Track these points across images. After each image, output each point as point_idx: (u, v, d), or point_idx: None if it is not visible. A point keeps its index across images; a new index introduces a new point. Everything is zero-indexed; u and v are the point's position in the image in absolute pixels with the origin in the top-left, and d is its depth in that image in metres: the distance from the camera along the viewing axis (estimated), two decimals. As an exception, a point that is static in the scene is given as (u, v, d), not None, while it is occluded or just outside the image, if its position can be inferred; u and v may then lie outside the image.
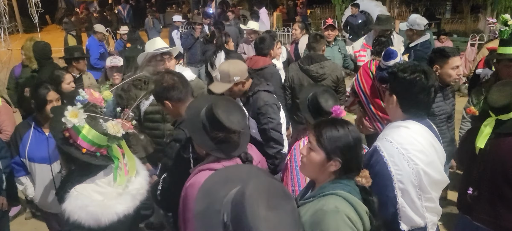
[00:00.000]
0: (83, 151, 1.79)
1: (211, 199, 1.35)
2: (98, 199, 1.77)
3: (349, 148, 1.70)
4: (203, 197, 1.36)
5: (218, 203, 1.31)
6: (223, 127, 1.90)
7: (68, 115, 1.73)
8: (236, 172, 1.50)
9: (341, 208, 1.60)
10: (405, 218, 2.02)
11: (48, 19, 22.85)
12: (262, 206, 1.24)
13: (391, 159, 1.99)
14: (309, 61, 4.29)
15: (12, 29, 17.98)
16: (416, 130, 2.07)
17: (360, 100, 4.32)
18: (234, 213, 1.23)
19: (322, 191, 1.71)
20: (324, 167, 1.72)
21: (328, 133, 1.70)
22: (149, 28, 13.03)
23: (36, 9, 13.57)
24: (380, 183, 1.97)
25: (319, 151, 1.71)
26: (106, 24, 10.86)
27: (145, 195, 1.97)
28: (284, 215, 1.28)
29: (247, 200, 1.21)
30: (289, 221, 1.28)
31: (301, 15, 16.56)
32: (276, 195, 1.32)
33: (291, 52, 6.35)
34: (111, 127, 1.80)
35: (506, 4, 10.75)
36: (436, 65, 3.19)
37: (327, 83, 4.26)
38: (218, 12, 14.43)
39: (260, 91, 3.13)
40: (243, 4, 19.83)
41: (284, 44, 8.94)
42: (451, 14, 16.07)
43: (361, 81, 4.30)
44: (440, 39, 8.51)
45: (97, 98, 1.87)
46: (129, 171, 1.93)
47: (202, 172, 1.95)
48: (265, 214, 1.23)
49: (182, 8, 21.04)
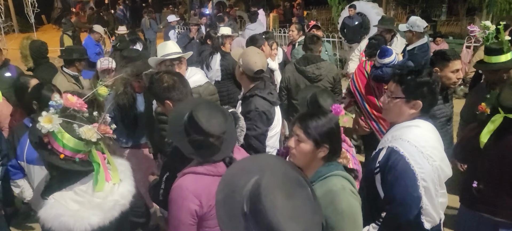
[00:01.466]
0: (61, 156, 1.73)
1: (231, 189, 1.37)
2: (74, 208, 1.71)
3: (334, 133, 1.88)
4: (223, 188, 1.39)
5: (238, 194, 1.33)
6: (201, 130, 1.89)
7: (42, 121, 1.68)
8: (255, 162, 1.52)
9: (346, 185, 1.81)
10: (427, 216, 2.06)
11: (44, 19, 22.74)
12: (278, 195, 1.27)
13: (413, 157, 2.01)
14: (306, 62, 4.31)
15: (8, 29, 17.94)
16: (426, 128, 2.13)
17: (356, 100, 4.34)
18: (253, 205, 1.26)
19: (319, 175, 1.85)
20: (314, 154, 1.86)
21: (314, 123, 1.85)
22: (145, 29, 12.99)
23: (32, 8, 13.56)
24: (404, 183, 1.99)
25: (308, 141, 1.84)
26: (103, 24, 10.81)
27: (127, 206, 1.86)
28: (301, 202, 1.31)
29: (263, 191, 1.25)
30: (307, 207, 1.32)
31: (297, 16, 16.58)
32: (292, 182, 1.36)
33: (287, 54, 6.36)
34: (84, 132, 1.73)
35: (501, 7, 10.81)
36: (437, 68, 3.21)
37: (323, 84, 4.27)
38: (215, 13, 14.42)
39: (257, 96, 3.05)
40: (239, 5, 19.84)
41: (280, 45, 8.96)
42: (447, 16, 16.14)
43: (357, 81, 4.33)
44: (435, 42, 8.55)
45: (74, 103, 1.80)
46: (112, 178, 1.85)
47: (185, 175, 1.97)
48: (282, 203, 1.26)
49: (178, 8, 21.03)
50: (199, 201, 1.90)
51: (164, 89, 2.41)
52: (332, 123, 1.88)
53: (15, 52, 7.30)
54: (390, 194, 2.05)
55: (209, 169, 1.94)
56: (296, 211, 1.29)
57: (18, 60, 6.44)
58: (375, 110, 4.15)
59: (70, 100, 1.80)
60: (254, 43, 4.56)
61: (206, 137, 1.90)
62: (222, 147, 1.99)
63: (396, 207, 2.03)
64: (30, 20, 13.67)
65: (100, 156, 1.81)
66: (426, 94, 2.10)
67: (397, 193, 2.00)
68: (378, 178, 2.13)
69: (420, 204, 2.02)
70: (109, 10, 19.96)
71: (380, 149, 2.18)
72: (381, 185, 2.12)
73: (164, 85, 2.41)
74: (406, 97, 2.11)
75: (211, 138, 1.92)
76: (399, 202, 2.01)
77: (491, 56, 3.46)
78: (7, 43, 12.45)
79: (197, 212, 1.91)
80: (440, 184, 2.11)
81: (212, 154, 1.95)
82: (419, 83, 2.08)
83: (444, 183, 2.17)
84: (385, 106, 2.25)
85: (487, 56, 3.52)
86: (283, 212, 1.25)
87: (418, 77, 2.08)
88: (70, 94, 1.83)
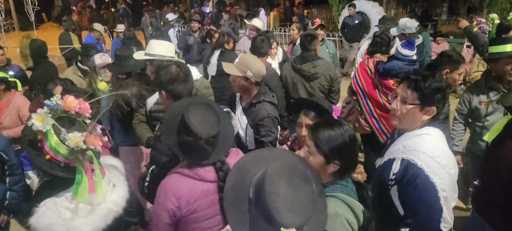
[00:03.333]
0: (47, 157, 1.69)
1: (241, 174, 1.41)
2: (66, 216, 1.68)
3: (347, 149, 1.74)
4: (235, 172, 1.41)
5: (248, 180, 1.36)
6: (191, 132, 1.84)
7: (35, 118, 1.66)
8: (270, 153, 1.53)
9: (341, 211, 1.67)
10: (445, 222, 2.02)
11: (44, 17, 22.75)
12: (282, 184, 1.31)
13: (431, 169, 1.93)
14: (302, 60, 4.31)
15: (8, 27, 17.93)
16: (437, 135, 2.06)
17: (358, 99, 4.34)
18: (257, 189, 1.29)
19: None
20: (323, 169, 1.76)
21: (325, 136, 1.73)
22: (146, 27, 12.97)
23: (32, 7, 13.55)
24: (426, 197, 1.92)
25: (318, 155, 1.74)
26: (102, 23, 10.81)
27: (120, 212, 1.84)
28: (303, 194, 1.35)
29: (268, 178, 1.27)
30: (307, 201, 1.35)
31: (298, 15, 16.55)
32: (298, 175, 1.38)
33: (288, 53, 6.36)
34: (71, 139, 1.67)
35: (502, 6, 10.79)
36: (447, 69, 3.25)
37: (320, 82, 4.27)
38: (215, 11, 14.40)
39: (265, 102, 3.07)
40: (239, 3, 19.83)
41: (281, 44, 8.95)
42: (448, 15, 16.11)
43: (359, 79, 4.32)
44: (436, 41, 8.54)
45: (74, 106, 1.76)
46: (97, 189, 1.77)
47: (172, 174, 1.95)
48: (285, 192, 1.29)
49: (179, 7, 21.00)
50: (178, 202, 1.86)
51: (168, 80, 2.44)
52: (346, 136, 1.75)
53: (15, 50, 7.29)
54: (412, 208, 1.97)
55: (195, 172, 1.89)
56: (297, 203, 1.32)
57: (18, 59, 6.44)
58: (377, 108, 4.15)
59: (69, 103, 1.75)
60: (258, 50, 4.50)
61: (196, 139, 1.85)
62: (214, 150, 1.92)
63: (419, 221, 1.95)
64: (30, 18, 13.66)
65: (86, 166, 1.75)
66: (440, 100, 2.03)
67: (421, 207, 1.93)
68: (394, 191, 2.04)
69: (442, 214, 1.97)
70: (110, 9, 19.95)
71: (391, 159, 2.08)
72: (398, 199, 2.03)
73: (167, 77, 2.44)
74: (422, 104, 2.02)
75: (201, 141, 1.86)
76: (423, 216, 1.94)
77: (497, 46, 3.43)
78: (7, 41, 12.44)
79: (174, 213, 1.88)
80: (454, 190, 2.08)
81: (202, 158, 1.88)
82: (435, 89, 2.00)
83: (456, 186, 2.14)
84: (396, 114, 2.10)
85: (492, 46, 3.49)
86: (284, 200, 1.29)
87: (434, 82, 2.00)
88: (72, 97, 1.78)
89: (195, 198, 1.87)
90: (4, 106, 3.95)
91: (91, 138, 1.75)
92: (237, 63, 3.06)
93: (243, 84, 3.07)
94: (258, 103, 3.06)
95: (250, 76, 3.00)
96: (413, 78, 2.05)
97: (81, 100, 1.81)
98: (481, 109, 3.49)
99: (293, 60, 4.44)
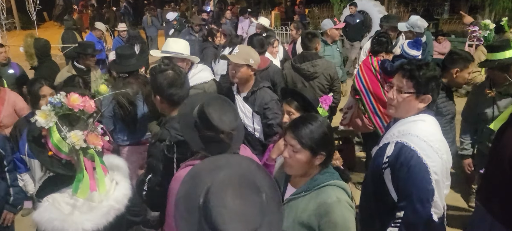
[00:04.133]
0: (49, 153, 1.72)
1: (194, 183, 1.39)
2: (69, 212, 1.70)
3: (327, 138, 1.86)
4: (188, 181, 1.40)
5: (200, 189, 1.32)
6: (212, 126, 1.88)
7: (38, 114, 1.68)
8: (226, 161, 1.52)
9: (341, 197, 1.80)
10: (436, 208, 2.08)
11: (46, 16, 22.78)
12: (229, 194, 1.28)
13: (424, 152, 2.01)
14: (302, 59, 4.32)
15: (10, 26, 17.94)
16: (431, 122, 2.14)
17: (361, 97, 4.33)
18: (205, 199, 1.28)
19: (315, 183, 1.84)
20: (311, 163, 1.85)
21: (307, 131, 1.82)
22: (147, 26, 12.98)
23: (33, 5, 13.55)
24: (419, 178, 2.00)
25: (304, 151, 1.82)
26: (104, 22, 10.82)
27: (122, 210, 1.84)
28: (250, 205, 1.31)
29: (214, 189, 1.27)
30: (255, 211, 1.31)
31: (299, 14, 16.54)
32: (247, 186, 1.35)
33: (289, 52, 6.36)
34: (71, 137, 1.70)
35: (504, 5, 10.77)
36: (457, 68, 3.30)
37: (320, 82, 4.27)
38: (216, 10, 14.40)
39: (265, 88, 3.24)
40: (241, 3, 19.81)
41: (282, 43, 8.93)
42: (449, 14, 16.10)
43: (363, 77, 4.32)
44: (438, 40, 8.52)
45: (78, 104, 1.76)
46: (99, 187, 1.79)
47: (187, 166, 1.97)
48: (231, 202, 1.27)
49: (180, 6, 21.00)
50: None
51: (161, 83, 2.40)
52: (324, 126, 1.86)
53: (16, 49, 7.30)
54: (405, 190, 2.04)
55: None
56: (245, 213, 1.29)
57: (20, 57, 6.45)
58: (381, 105, 4.16)
59: (72, 101, 1.76)
60: (260, 45, 4.54)
61: (217, 133, 1.90)
62: (232, 143, 2.00)
63: (413, 202, 2.01)
64: (31, 17, 13.65)
65: (87, 164, 1.76)
66: (435, 88, 2.12)
67: (413, 188, 2.00)
68: (387, 174, 2.11)
69: (434, 197, 2.03)
70: (111, 8, 19.96)
71: (386, 143, 2.16)
72: (392, 183, 2.10)
73: (164, 80, 2.40)
74: (417, 92, 2.10)
75: (222, 134, 1.92)
76: (415, 197, 2.01)
77: (496, 53, 3.45)
78: (8, 40, 12.45)
79: None
80: (446, 176, 2.14)
81: (221, 150, 1.93)
82: (429, 77, 2.09)
83: (449, 174, 2.20)
84: (393, 103, 2.19)
85: (491, 53, 3.51)
86: (230, 212, 1.26)
87: (428, 71, 2.09)
88: (76, 95, 1.79)
89: None
90: (0, 105, 3.95)
91: (92, 137, 1.77)
92: (238, 53, 3.17)
93: (246, 73, 3.19)
94: (259, 90, 3.21)
95: (252, 64, 3.14)
96: (407, 68, 2.14)
97: (86, 98, 1.82)
98: (488, 113, 3.50)
99: (293, 59, 4.45)
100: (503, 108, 3.40)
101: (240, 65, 3.14)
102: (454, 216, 4.09)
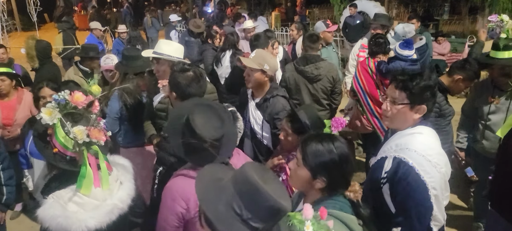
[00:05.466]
0: (54, 150, 1.75)
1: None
2: (73, 209, 1.72)
3: (334, 166, 1.69)
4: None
5: (222, 202, 1.26)
6: (195, 135, 1.84)
7: (43, 111, 1.71)
8: (217, 171, 1.50)
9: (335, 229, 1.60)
10: (436, 221, 2.06)
11: (47, 17, 22.80)
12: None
13: (422, 168, 1.96)
14: (305, 62, 4.28)
15: (10, 27, 17.98)
16: (429, 133, 2.09)
17: (359, 99, 4.34)
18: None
19: (315, 208, 1.66)
20: (310, 184, 1.73)
21: (312, 151, 1.70)
22: (148, 27, 13.01)
23: (34, 7, 13.58)
24: (417, 195, 1.95)
25: (304, 168, 1.72)
26: (105, 23, 10.85)
27: (125, 210, 1.86)
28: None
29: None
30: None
31: (299, 15, 16.57)
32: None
33: (289, 53, 6.36)
34: (75, 132, 1.73)
35: (503, 6, 10.77)
36: (462, 77, 3.33)
37: (323, 84, 4.26)
38: (216, 11, 14.43)
39: (279, 96, 3.15)
40: (241, 3, 19.84)
41: (282, 44, 8.93)
42: (449, 15, 16.11)
43: (360, 78, 4.33)
44: (438, 41, 8.53)
45: (82, 102, 1.80)
46: (103, 184, 1.81)
47: (177, 177, 1.96)
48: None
49: (180, 7, 21.03)
50: (187, 204, 1.87)
51: (181, 81, 2.46)
52: (335, 153, 1.68)
53: (17, 50, 7.32)
54: (403, 206, 2.00)
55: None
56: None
57: (21, 59, 6.47)
58: (378, 107, 4.16)
59: (76, 99, 1.80)
60: (258, 41, 4.59)
61: (200, 141, 1.85)
62: (218, 152, 1.92)
63: (410, 219, 1.98)
64: (32, 18, 13.67)
65: (91, 160, 1.79)
66: (430, 98, 2.07)
67: (411, 205, 1.96)
68: (386, 189, 2.06)
69: (433, 212, 2.00)
70: (112, 9, 19.99)
71: (384, 157, 2.10)
72: (390, 197, 2.06)
73: (183, 79, 2.46)
74: (411, 103, 2.05)
75: (205, 144, 1.86)
76: (413, 214, 1.97)
77: (499, 51, 3.42)
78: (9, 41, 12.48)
79: (183, 215, 1.89)
80: (445, 188, 2.11)
81: (206, 161, 1.83)
82: (423, 87, 2.03)
83: (448, 185, 2.17)
84: (387, 115, 2.15)
85: (494, 51, 3.47)
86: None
87: (421, 82, 2.04)
88: (80, 93, 1.83)
89: None
90: (17, 103, 4.01)
91: (95, 131, 1.79)
92: (254, 57, 3.12)
93: (260, 78, 3.12)
94: (272, 97, 3.14)
95: (267, 69, 3.08)
96: (400, 78, 2.09)
97: (90, 97, 1.86)
98: (484, 108, 3.50)
99: (295, 62, 4.42)
100: (500, 103, 3.43)
101: (254, 70, 3.08)
102: (453, 216, 4.10)
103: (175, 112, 2.08)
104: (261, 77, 3.12)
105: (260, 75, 3.10)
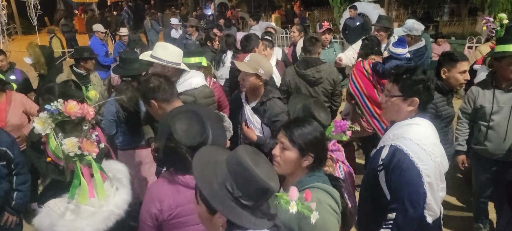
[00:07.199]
0: (48, 159, 1.75)
1: (207, 179, 1.42)
2: (69, 218, 1.71)
3: (319, 142, 1.90)
4: (202, 181, 1.41)
5: (216, 181, 1.36)
6: (173, 139, 1.86)
7: (36, 121, 1.71)
8: (214, 152, 1.54)
9: (322, 198, 1.80)
10: (430, 210, 2.11)
11: (47, 21, 22.86)
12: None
13: (416, 155, 2.04)
14: (305, 65, 4.26)
15: (11, 31, 18.03)
16: (426, 125, 2.18)
17: (357, 101, 4.34)
18: (237, 175, 1.34)
19: (300, 185, 1.84)
20: (298, 163, 1.89)
21: (299, 132, 1.88)
22: (148, 29, 13.04)
23: (35, 11, 13.61)
24: (410, 181, 2.04)
25: (293, 149, 1.88)
26: (105, 26, 10.85)
27: (122, 215, 1.87)
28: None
29: (242, 158, 1.34)
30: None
31: (299, 17, 16.59)
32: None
33: (289, 55, 6.37)
34: (66, 144, 1.72)
35: (503, 7, 10.80)
36: (444, 69, 3.24)
37: (324, 87, 4.26)
38: (216, 14, 14.46)
39: (275, 99, 3.16)
40: (241, 6, 19.89)
41: (282, 46, 8.97)
42: (449, 16, 16.13)
43: (356, 81, 4.33)
44: (437, 42, 8.54)
45: (75, 112, 1.78)
46: (98, 193, 1.80)
47: (159, 179, 2.00)
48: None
49: (180, 9, 21.07)
50: (160, 206, 1.89)
51: (150, 89, 2.47)
52: (317, 131, 1.91)
53: (18, 54, 7.33)
54: (397, 192, 2.08)
55: (180, 178, 1.90)
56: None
57: (21, 63, 6.47)
58: (377, 107, 4.16)
59: (69, 109, 1.77)
60: (249, 42, 4.59)
61: (177, 145, 1.86)
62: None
63: (404, 204, 2.05)
64: (32, 22, 13.70)
65: (84, 171, 1.78)
66: (422, 91, 2.16)
67: (404, 190, 2.04)
68: (382, 176, 2.15)
69: (426, 200, 2.07)
70: (112, 12, 20.04)
71: (382, 146, 2.21)
72: (386, 184, 2.15)
73: (150, 86, 2.47)
74: (403, 95, 2.16)
75: (181, 150, 1.86)
76: (406, 199, 2.04)
77: (506, 44, 3.34)
78: (10, 45, 12.51)
79: (156, 217, 1.90)
80: (441, 179, 2.17)
81: (185, 168, 1.87)
82: (414, 81, 2.14)
83: (444, 177, 2.23)
84: (383, 106, 2.31)
85: (501, 45, 3.40)
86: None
87: (413, 75, 2.15)
88: (74, 102, 1.80)
89: (177, 203, 1.89)
90: (6, 105, 3.97)
91: (87, 144, 1.79)
92: (248, 62, 3.10)
93: (254, 83, 3.10)
94: (268, 100, 3.14)
95: (262, 74, 3.06)
96: (393, 72, 2.26)
97: (85, 104, 1.84)
98: (486, 108, 3.45)
99: (296, 65, 4.39)
100: (502, 103, 3.38)
101: (249, 74, 3.07)
102: (452, 216, 4.10)
103: (164, 117, 2.09)
104: (255, 82, 3.10)
105: (254, 79, 3.08)
